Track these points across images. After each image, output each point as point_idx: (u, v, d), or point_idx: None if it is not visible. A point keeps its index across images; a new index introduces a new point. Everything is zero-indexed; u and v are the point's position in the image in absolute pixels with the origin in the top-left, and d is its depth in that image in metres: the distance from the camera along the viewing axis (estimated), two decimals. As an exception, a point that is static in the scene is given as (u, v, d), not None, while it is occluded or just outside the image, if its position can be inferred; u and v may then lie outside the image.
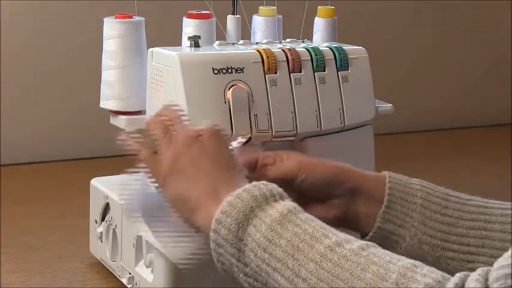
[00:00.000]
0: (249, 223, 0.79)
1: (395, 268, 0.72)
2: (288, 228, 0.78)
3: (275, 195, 0.81)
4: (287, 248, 0.77)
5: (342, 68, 1.10)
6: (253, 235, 0.79)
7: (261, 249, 0.78)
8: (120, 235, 1.12)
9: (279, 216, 0.79)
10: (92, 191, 1.20)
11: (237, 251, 0.80)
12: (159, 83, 1.06)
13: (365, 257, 0.74)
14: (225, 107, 1.02)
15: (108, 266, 1.16)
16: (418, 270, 0.71)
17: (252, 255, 0.79)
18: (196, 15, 1.16)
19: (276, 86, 1.05)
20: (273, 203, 0.80)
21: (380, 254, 0.74)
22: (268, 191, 0.81)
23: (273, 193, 0.81)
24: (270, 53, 1.06)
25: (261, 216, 0.79)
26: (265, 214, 0.79)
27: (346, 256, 0.74)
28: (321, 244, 0.76)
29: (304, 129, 1.07)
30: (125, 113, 1.16)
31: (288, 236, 0.77)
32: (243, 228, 0.79)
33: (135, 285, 1.08)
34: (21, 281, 1.14)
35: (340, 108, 1.09)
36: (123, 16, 1.15)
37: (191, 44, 1.09)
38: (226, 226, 0.80)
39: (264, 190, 0.81)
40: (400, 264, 0.72)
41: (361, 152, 1.13)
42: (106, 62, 1.16)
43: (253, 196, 0.80)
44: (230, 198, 0.81)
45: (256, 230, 0.79)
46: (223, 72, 1.03)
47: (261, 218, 0.79)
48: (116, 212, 1.12)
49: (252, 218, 0.79)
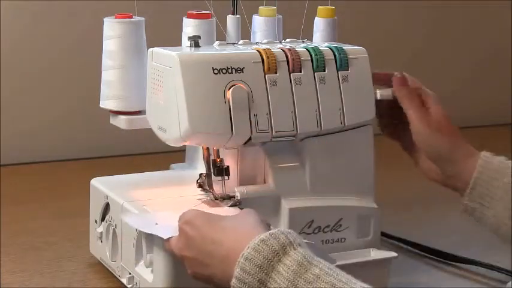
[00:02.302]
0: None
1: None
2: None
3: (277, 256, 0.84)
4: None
5: (342, 68, 1.10)
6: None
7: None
8: (120, 235, 1.12)
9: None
10: (92, 191, 1.20)
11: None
12: (159, 83, 1.06)
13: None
14: (225, 107, 1.02)
15: (108, 266, 1.16)
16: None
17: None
18: (196, 15, 1.16)
19: (276, 86, 1.05)
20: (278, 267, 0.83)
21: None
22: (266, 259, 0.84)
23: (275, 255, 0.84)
24: (270, 53, 1.06)
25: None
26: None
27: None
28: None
29: (304, 129, 1.07)
30: (125, 113, 1.16)
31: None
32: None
33: (135, 285, 1.08)
34: (21, 281, 1.14)
35: (340, 108, 1.09)
36: (123, 16, 1.15)
37: (191, 44, 1.08)
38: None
39: (263, 256, 0.84)
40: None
41: (361, 152, 1.13)
42: (106, 62, 1.16)
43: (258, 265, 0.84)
44: (237, 273, 0.84)
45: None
46: (223, 72, 1.03)
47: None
48: (116, 212, 1.12)
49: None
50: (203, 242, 0.91)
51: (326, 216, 1.10)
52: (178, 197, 1.12)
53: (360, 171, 1.13)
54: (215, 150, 1.08)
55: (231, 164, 1.09)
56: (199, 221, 0.93)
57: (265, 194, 1.07)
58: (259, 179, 1.10)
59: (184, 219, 0.94)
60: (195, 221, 0.93)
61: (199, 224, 0.92)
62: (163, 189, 1.17)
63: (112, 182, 1.19)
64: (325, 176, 1.10)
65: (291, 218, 1.07)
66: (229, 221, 0.92)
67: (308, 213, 1.09)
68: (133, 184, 1.18)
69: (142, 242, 1.06)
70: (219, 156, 1.09)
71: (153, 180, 1.22)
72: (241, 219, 0.92)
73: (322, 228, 1.10)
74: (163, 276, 1.01)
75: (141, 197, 1.12)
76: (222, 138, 1.03)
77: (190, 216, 0.94)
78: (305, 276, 0.81)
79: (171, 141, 1.06)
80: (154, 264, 1.04)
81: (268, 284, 0.82)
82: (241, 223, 0.91)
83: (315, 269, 0.81)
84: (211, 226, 0.91)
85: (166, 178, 1.23)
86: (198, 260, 0.91)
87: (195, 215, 0.94)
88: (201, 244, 0.91)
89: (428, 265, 1.26)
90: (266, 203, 1.07)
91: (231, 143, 1.05)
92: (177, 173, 1.24)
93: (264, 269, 0.83)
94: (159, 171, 1.26)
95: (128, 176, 1.24)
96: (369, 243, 1.12)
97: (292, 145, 1.09)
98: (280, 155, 1.09)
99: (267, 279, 0.82)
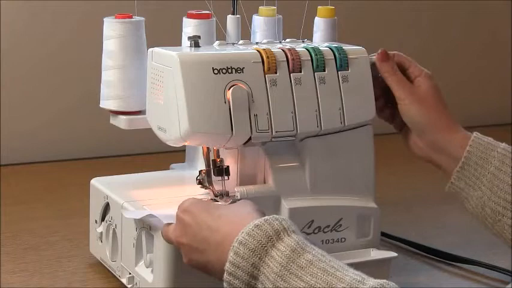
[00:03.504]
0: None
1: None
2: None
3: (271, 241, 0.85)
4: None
5: (342, 68, 1.10)
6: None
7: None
8: (120, 235, 1.12)
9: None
10: (92, 191, 1.20)
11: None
12: (159, 83, 1.06)
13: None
14: (225, 107, 1.02)
15: (108, 266, 1.16)
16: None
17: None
18: (196, 15, 1.16)
19: (276, 86, 1.05)
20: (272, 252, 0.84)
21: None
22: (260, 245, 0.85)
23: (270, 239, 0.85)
24: (270, 53, 1.06)
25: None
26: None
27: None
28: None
29: (304, 129, 1.07)
30: (125, 113, 1.16)
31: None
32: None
33: (135, 285, 1.08)
34: (21, 281, 1.14)
35: (340, 108, 1.09)
36: (123, 16, 1.15)
37: (191, 44, 1.08)
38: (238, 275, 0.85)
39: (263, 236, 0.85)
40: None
41: (361, 152, 1.13)
42: (106, 62, 1.16)
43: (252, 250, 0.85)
44: (231, 257, 0.85)
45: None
46: (223, 72, 1.03)
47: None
48: (116, 212, 1.12)
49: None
50: (199, 229, 0.92)
51: (326, 216, 1.10)
52: (178, 197, 1.12)
53: (360, 171, 1.13)
54: (215, 150, 1.08)
55: (231, 164, 1.10)
56: (196, 209, 0.94)
57: (265, 194, 1.07)
58: (259, 179, 1.10)
59: (182, 208, 0.96)
60: (192, 209, 0.94)
61: (196, 212, 0.93)
62: (163, 189, 1.17)
63: (112, 182, 1.19)
64: (325, 176, 1.10)
65: (291, 218, 1.06)
66: (226, 209, 0.93)
67: (308, 213, 1.09)
68: (133, 184, 1.19)
69: (142, 242, 1.06)
70: (219, 156, 1.09)
71: (153, 180, 1.22)
72: (238, 208, 0.93)
73: (322, 228, 1.10)
74: (163, 276, 1.02)
75: (141, 197, 1.12)
76: (222, 138, 1.03)
77: (188, 204, 0.95)
78: (298, 262, 0.82)
79: (171, 141, 1.06)
80: (154, 264, 1.04)
81: (261, 268, 0.83)
82: (238, 211, 0.92)
83: (308, 255, 0.82)
84: (208, 214, 0.92)
85: (166, 178, 1.23)
86: (193, 246, 0.92)
87: (192, 202, 0.95)
88: (197, 231, 0.92)
89: (428, 265, 1.26)
90: (266, 203, 1.07)
91: (231, 143, 1.05)
92: (177, 173, 1.24)
93: (257, 253, 0.84)
94: (159, 171, 1.27)
95: (128, 176, 1.24)
96: (369, 243, 1.12)
97: (292, 145, 1.09)
98: (280, 155, 1.09)
99: (260, 263, 0.83)
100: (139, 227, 1.06)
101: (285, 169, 1.09)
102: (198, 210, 0.94)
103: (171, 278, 1.01)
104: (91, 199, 1.20)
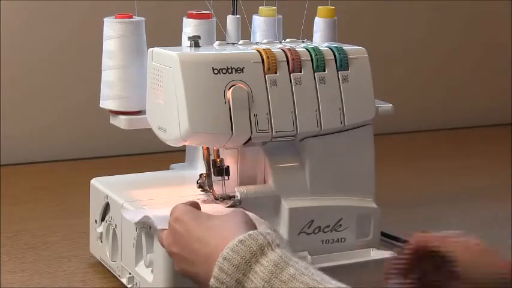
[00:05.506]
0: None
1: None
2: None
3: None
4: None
5: (342, 68, 1.10)
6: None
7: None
8: (120, 235, 1.12)
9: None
10: (92, 191, 1.20)
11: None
12: (159, 83, 1.06)
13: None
14: (225, 107, 1.02)
15: (108, 266, 1.16)
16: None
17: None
18: (196, 15, 1.16)
19: (276, 86, 1.05)
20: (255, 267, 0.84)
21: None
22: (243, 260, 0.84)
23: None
24: (270, 53, 1.06)
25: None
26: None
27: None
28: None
29: (304, 129, 1.07)
30: (125, 113, 1.16)
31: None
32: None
33: (135, 285, 1.08)
34: (21, 281, 1.14)
35: (340, 108, 1.09)
36: (123, 16, 1.15)
37: (191, 44, 1.08)
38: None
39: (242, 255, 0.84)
40: None
41: (361, 152, 1.13)
42: (106, 62, 1.16)
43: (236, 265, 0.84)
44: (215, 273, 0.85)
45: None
46: (223, 72, 1.03)
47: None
48: (116, 212, 1.12)
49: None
50: (190, 240, 0.92)
51: (326, 216, 1.10)
52: (178, 197, 1.12)
53: (360, 171, 1.13)
54: (215, 150, 1.08)
55: (231, 164, 1.10)
56: (188, 218, 0.94)
57: (265, 194, 1.07)
58: (259, 179, 1.10)
59: (174, 216, 0.96)
60: (184, 218, 0.94)
61: (187, 221, 0.93)
62: (163, 189, 1.17)
63: (112, 182, 1.19)
64: (325, 176, 1.10)
65: (291, 218, 1.07)
66: (216, 221, 0.93)
67: (308, 213, 1.09)
68: (133, 184, 1.19)
69: (142, 242, 1.06)
70: (219, 156, 1.09)
71: (153, 180, 1.22)
72: (228, 220, 0.92)
73: (322, 228, 1.10)
74: (163, 276, 1.02)
75: (141, 197, 1.12)
76: (222, 138, 1.03)
77: (179, 213, 0.95)
78: (280, 277, 0.82)
79: (171, 141, 1.06)
80: (154, 264, 1.04)
81: (245, 284, 0.83)
82: (227, 223, 0.91)
83: (291, 269, 0.82)
84: (198, 224, 0.92)
85: (166, 178, 1.23)
86: (183, 256, 0.92)
87: (184, 211, 0.95)
88: (188, 241, 0.92)
89: (428, 265, 1.26)
90: (266, 203, 1.07)
91: (231, 143, 1.05)
92: (177, 173, 1.24)
93: (241, 270, 0.84)
94: (159, 171, 1.27)
95: (128, 176, 1.24)
96: (369, 243, 1.13)
97: (292, 145, 1.09)
98: (280, 155, 1.09)
99: (244, 279, 0.83)
100: (139, 227, 1.06)
101: (285, 169, 1.09)
102: (190, 220, 0.93)
103: (171, 278, 1.01)
104: (91, 199, 1.20)
